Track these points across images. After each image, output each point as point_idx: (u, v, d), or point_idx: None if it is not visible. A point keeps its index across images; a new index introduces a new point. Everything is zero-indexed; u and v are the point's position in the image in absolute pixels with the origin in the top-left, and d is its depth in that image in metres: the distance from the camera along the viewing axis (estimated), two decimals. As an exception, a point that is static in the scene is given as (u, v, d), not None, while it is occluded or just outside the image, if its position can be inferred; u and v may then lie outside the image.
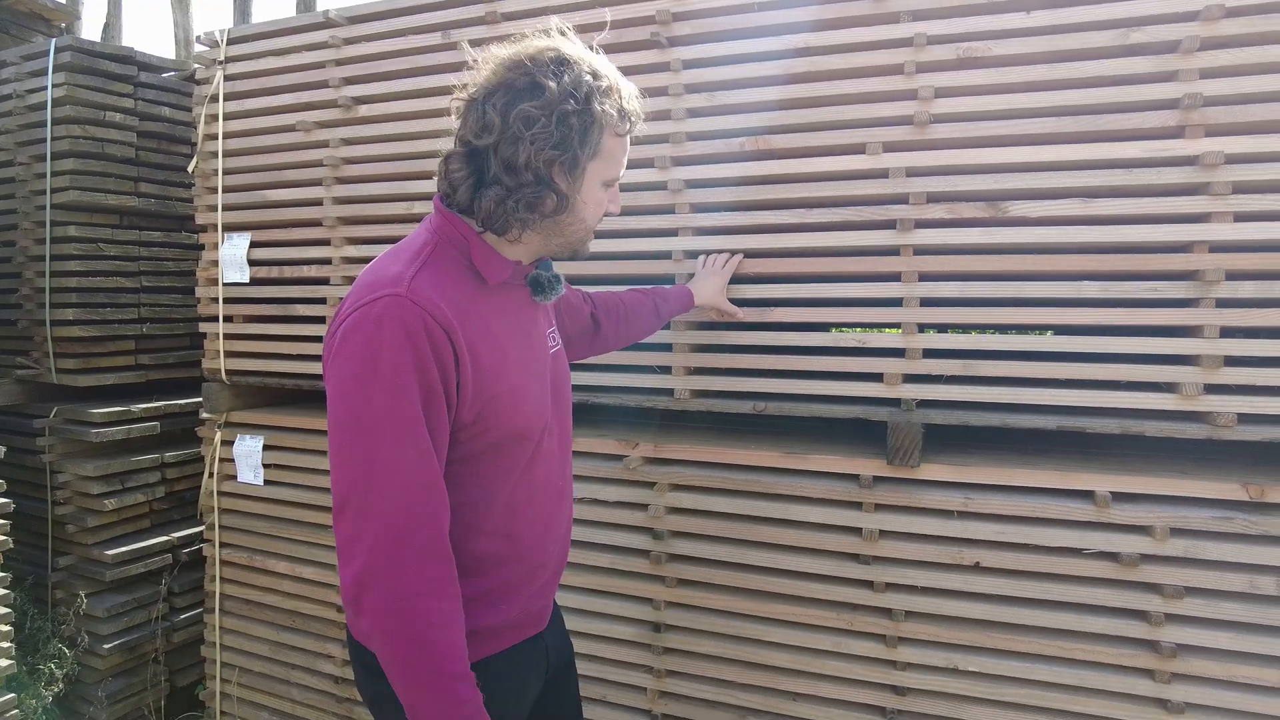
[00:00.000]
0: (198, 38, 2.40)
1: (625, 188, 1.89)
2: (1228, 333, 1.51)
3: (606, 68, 1.13)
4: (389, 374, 0.99)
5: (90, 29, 5.32)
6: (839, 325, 2.04)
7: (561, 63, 1.08)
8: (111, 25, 5.59)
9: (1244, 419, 1.50)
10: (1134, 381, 1.57)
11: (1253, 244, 1.50)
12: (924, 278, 1.69)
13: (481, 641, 1.17)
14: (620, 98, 1.12)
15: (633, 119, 1.14)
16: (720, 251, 1.81)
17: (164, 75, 2.71)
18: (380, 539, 0.98)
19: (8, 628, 2.16)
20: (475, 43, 2.05)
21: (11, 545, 2.16)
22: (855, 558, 1.73)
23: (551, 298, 1.22)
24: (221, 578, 2.44)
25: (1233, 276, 1.51)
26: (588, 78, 1.08)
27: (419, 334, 1.01)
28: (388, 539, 0.98)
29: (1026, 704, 1.63)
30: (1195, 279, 1.52)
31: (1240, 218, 1.49)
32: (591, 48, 1.15)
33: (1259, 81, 1.46)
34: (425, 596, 0.99)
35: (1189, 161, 1.51)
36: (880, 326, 1.75)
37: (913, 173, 1.68)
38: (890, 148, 1.69)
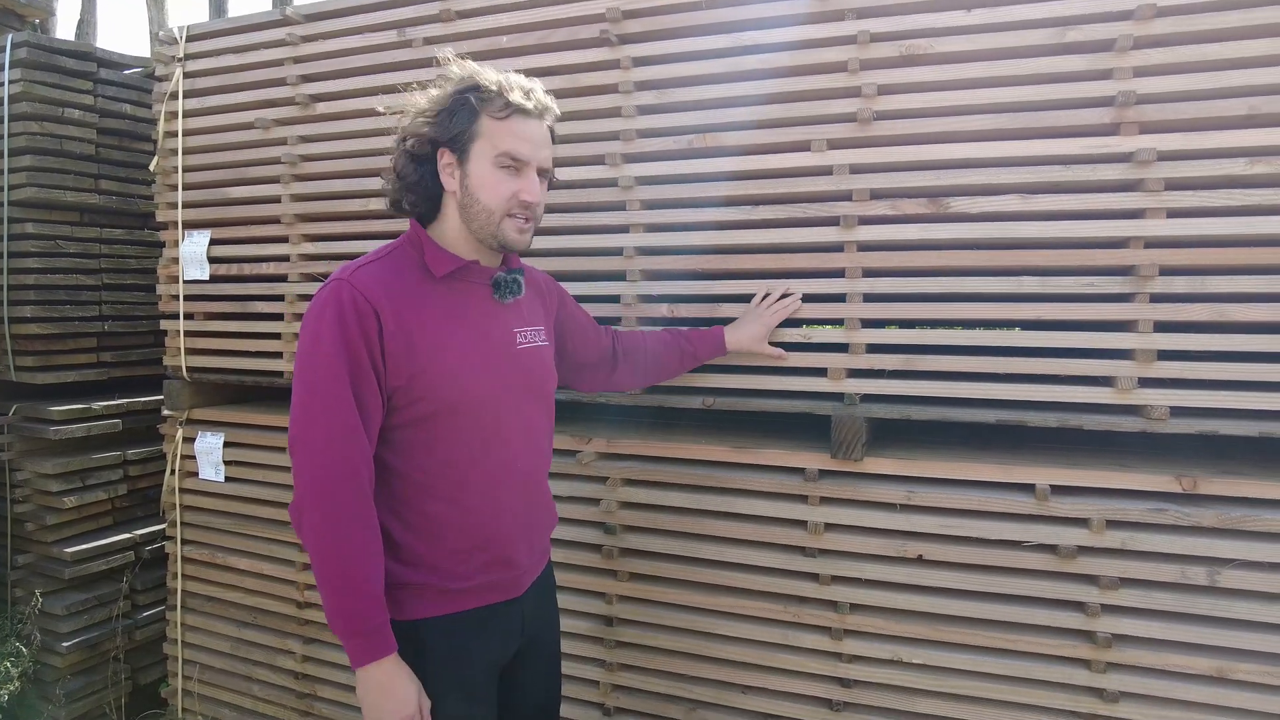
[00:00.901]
0: (157, 35, 2.39)
1: (577, 185, 1.92)
2: (1161, 327, 1.53)
3: (489, 71, 1.32)
4: (325, 342, 1.22)
5: (65, 25, 5.28)
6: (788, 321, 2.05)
7: (442, 81, 1.33)
8: (86, 21, 5.56)
9: (1176, 412, 1.53)
10: (1072, 376, 1.59)
11: (1185, 239, 1.52)
12: (868, 273, 1.71)
13: (448, 599, 1.33)
14: (500, 89, 1.29)
15: (513, 102, 1.28)
16: (775, 292, 1.74)
17: (125, 72, 2.70)
18: (311, 475, 1.22)
19: (-37, 626, 2.16)
20: (431, 40, 2.07)
21: (-33, 543, 2.16)
22: (802, 550, 1.75)
23: (508, 298, 1.39)
24: (183, 574, 2.44)
25: (1166, 272, 1.53)
26: (462, 81, 1.30)
27: (348, 309, 1.23)
28: (316, 475, 1.21)
29: (970, 695, 1.65)
30: (1131, 274, 1.55)
31: (1173, 214, 1.52)
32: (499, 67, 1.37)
33: (1190, 80, 1.48)
34: (346, 525, 1.21)
35: (1124, 158, 1.54)
36: (825, 322, 1.77)
37: (856, 169, 1.69)
38: (835, 145, 1.71)
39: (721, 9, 1.78)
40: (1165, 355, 1.53)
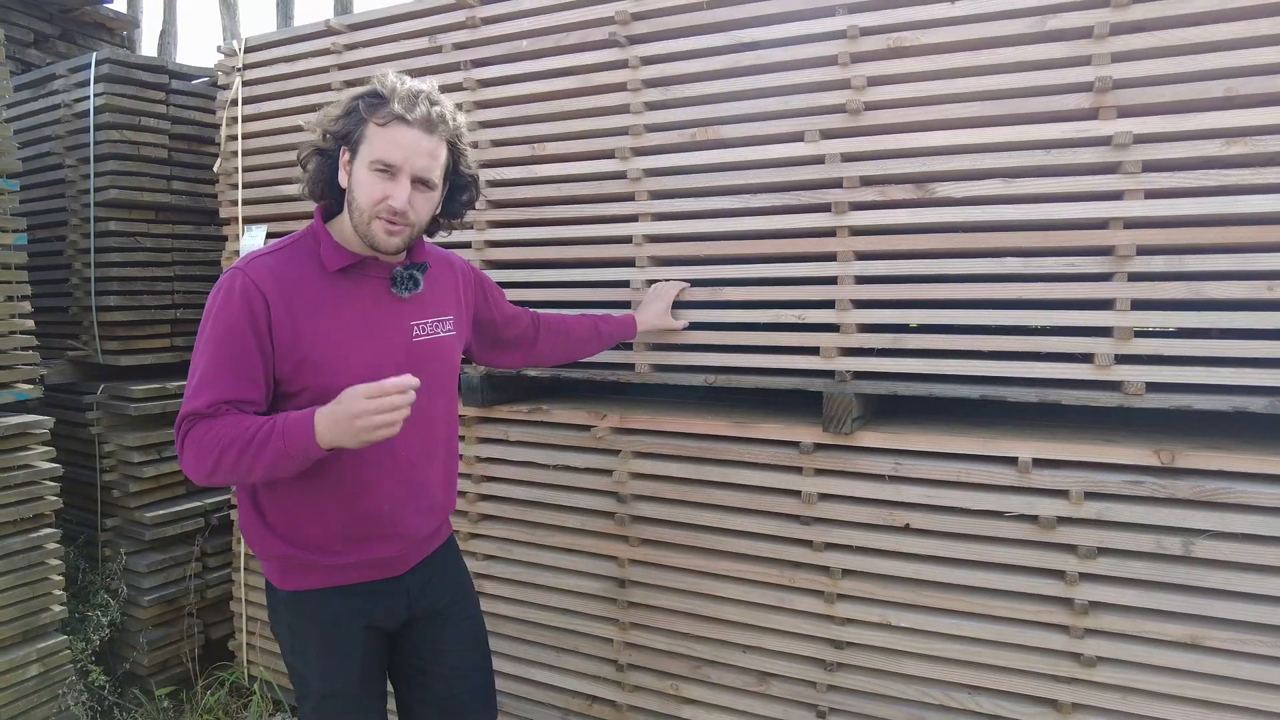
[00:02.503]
0: (218, 47, 2.63)
1: (590, 178, 2.05)
2: (1139, 305, 1.58)
3: (392, 80, 1.36)
4: (215, 320, 1.33)
5: (149, 36, 5.66)
6: (785, 303, 2.15)
7: (352, 89, 1.41)
8: (168, 31, 5.94)
9: (1152, 387, 1.57)
10: (1053, 353, 1.65)
11: (1163, 220, 1.57)
12: (859, 257, 1.79)
13: (325, 574, 1.43)
14: (390, 100, 1.33)
15: (393, 111, 1.32)
16: (667, 280, 1.97)
17: (194, 82, 2.96)
18: (181, 420, 1.31)
19: (59, 578, 2.43)
20: (459, 45, 2.23)
21: (61, 506, 2.43)
22: (797, 519, 1.85)
23: (404, 293, 1.45)
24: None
25: (1144, 251, 1.57)
26: (362, 89, 1.38)
27: (238, 295, 1.32)
28: (186, 419, 1.30)
29: (954, 658, 1.73)
30: (1110, 254, 1.59)
31: (1151, 195, 1.56)
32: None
33: (1165, 64, 1.52)
34: (211, 446, 1.26)
35: (1103, 142, 1.58)
36: (820, 304, 1.86)
37: (847, 158, 1.78)
38: (827, 135, 1.79)
39: (722, 8, 1.88)
40: (1143, 333, 1.58)
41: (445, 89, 2.21)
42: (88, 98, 2.76)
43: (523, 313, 1.81)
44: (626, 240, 2.02)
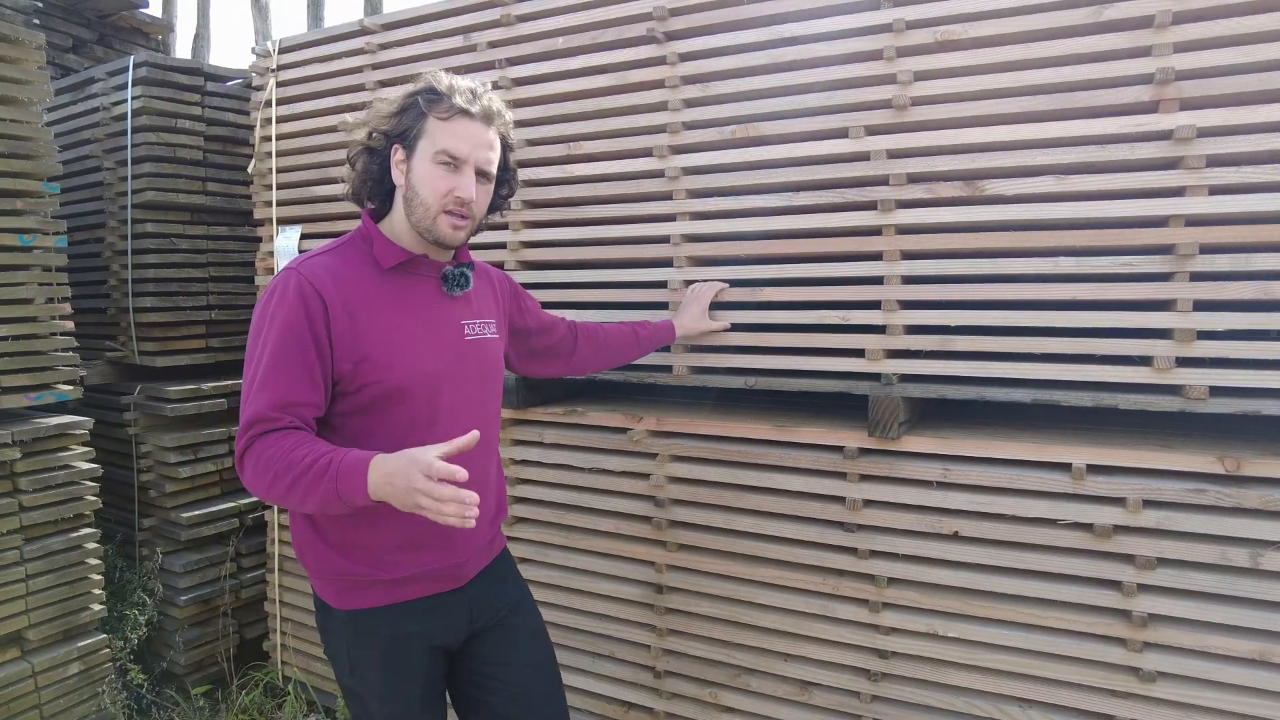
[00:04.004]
0: (252, 48, 2.63)
1: (626, 177, 2.02)
2: (1201, 306, 1.52)
3: (445, 76, 1.39)
4: (271, 320, 1.31)
5: (182, 39, 5.73)
6: (828, 304, 2.10)
7: (407, 85, 1.41)
8: (201, 35, 6.00)
9: (1215, 391, 1.51)
10: (1109, 355, 1.59)
11: (1227, 217, 1.50)
12: (905, 256, 1.75)
13: (387, 590, 1.40)
14: (450, 95, 1.36)
15: (456, 105, 1.35)
16: (704, 280, 1.93)
17: (228, 83, 2.97)
18: (245, 427, 1.27)
19: (99, 577, 2.45)
20: (493, 44, 2.21)
21: (101, 506, 2.45)
22: (840, 525, 1.81)
23: (456, 291, 1.46)
24: (280, 540, 2.70)
25: (1207, 250, 1.51)
26: (415, 86, 1.39)
27: (294, 295, 1.31)
28: (251, 426, 1.26)
29: (1004, 670, 1.68)
30: (1171, 253, 1.53)
31: (1215, 191, 1.50)
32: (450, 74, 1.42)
33: (1231, 54, 1.46)
34: (272, 468, 1.22)
35: (1163, 136, 1.52)
36: (865, 304, 1.81)
37: (893, 154, 1.73)
38: (872, 131, 1.75)
39: (763, 2, 1.85)
40: (1205, 334, 1.52)
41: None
42: (125, 100, 2.78)
43: (559, 321, 1.79)
44: (664, 240, 1.99)
